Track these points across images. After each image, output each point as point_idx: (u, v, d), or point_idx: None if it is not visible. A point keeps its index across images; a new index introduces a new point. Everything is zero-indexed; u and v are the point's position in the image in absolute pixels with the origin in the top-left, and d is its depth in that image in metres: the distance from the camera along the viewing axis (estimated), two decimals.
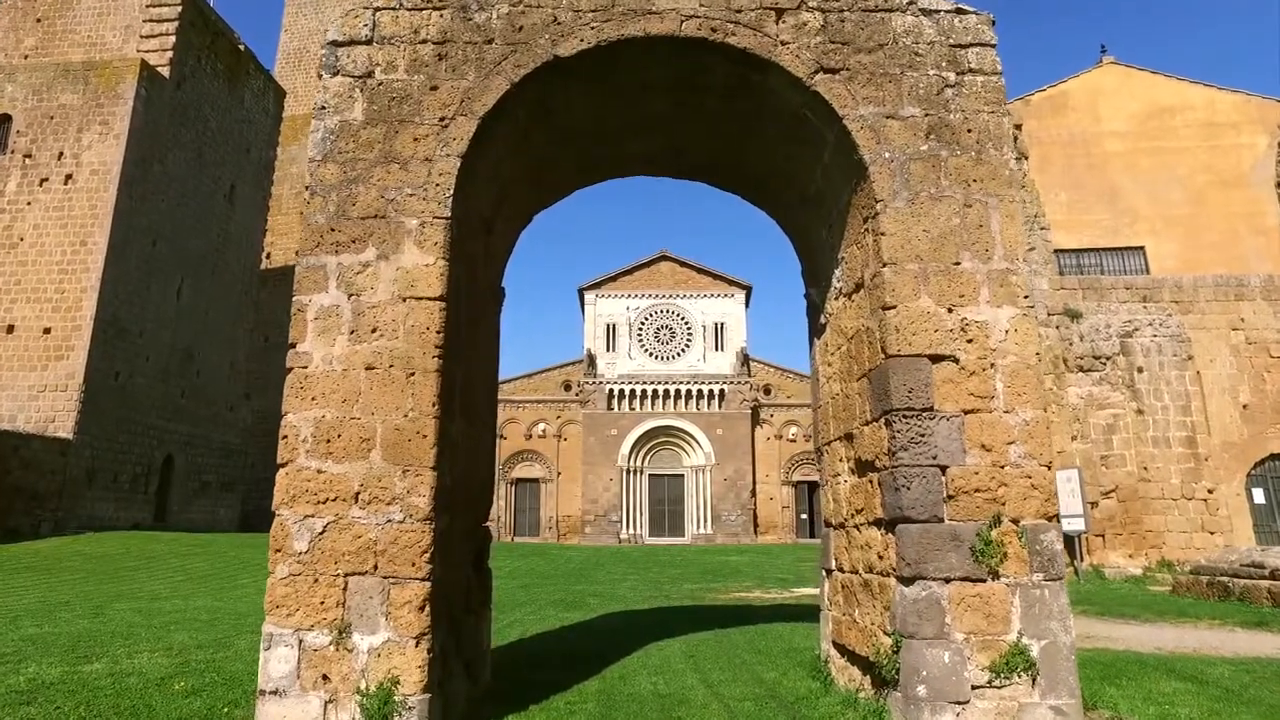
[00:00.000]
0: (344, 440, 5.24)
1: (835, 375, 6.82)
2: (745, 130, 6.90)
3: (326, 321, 5.47)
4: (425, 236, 5.59)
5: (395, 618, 4.93)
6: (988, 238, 5.62)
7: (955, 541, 5.05)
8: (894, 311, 5.47)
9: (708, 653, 8.38)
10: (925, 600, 4.96)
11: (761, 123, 6.67)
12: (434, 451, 5.19)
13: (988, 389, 5.35)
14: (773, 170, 7.25)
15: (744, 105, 6.57)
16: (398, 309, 5.46)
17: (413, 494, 5.11)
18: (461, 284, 5.93)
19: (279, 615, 4.95)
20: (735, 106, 6.65)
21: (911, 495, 5.14)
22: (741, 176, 7.74)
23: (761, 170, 7.40)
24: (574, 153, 7.39)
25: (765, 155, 7.11)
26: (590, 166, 7.82)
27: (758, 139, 6.94)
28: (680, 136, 7.31)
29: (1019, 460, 5.22)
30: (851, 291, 6.37)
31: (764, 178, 7.48)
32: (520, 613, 12.58)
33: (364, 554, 5.04)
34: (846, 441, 6.44)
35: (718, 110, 6.79)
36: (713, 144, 7.30)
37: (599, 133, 7.19)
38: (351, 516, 5.10)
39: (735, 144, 7.19)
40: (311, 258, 5.61)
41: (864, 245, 6.04)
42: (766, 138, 6.84)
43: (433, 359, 5.35)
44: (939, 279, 5.53)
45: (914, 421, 5.27)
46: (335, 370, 5.37)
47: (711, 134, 7.16)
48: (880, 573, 5.48)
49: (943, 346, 5.41)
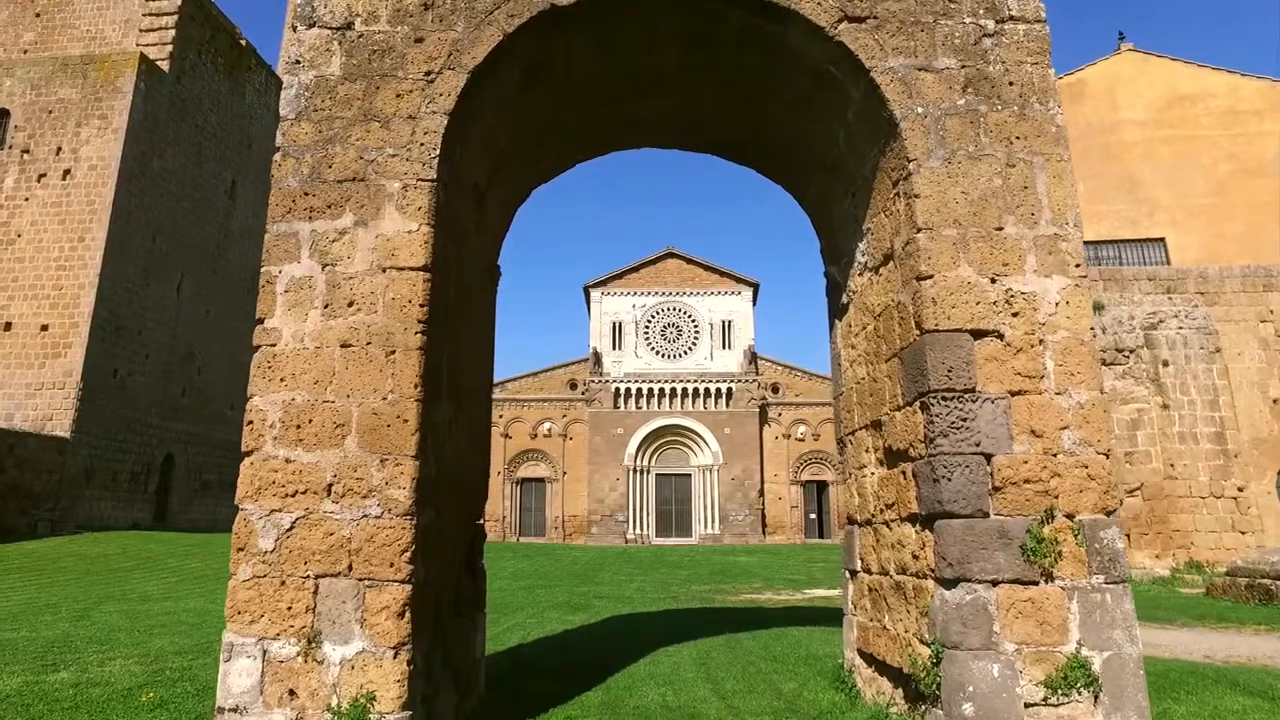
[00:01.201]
0: (316, 426, 4.68)
1: (860, 358, 6.25)
2: (760, 91, 6.32)
3: (298, 294, 4.92)
4: (408, 201, 5.04)
5: (371, 625, 4.36)
6: (1033, 200, 5.03)
7: (1003, 539, 4.47)
8: (930, 282, 4.89)
9: (720, 660, 7.82)
10: (970, 605, 4.37)
11: (778, 81, 6.10)
12: (416, 438, 4.63)
13: (1036, 368, 4.76)
14: (790, 136, 6.67)
15: (759, 62, 6.00)
16: (377, 280, 4.91)
17: (392, 486, 4.55)
18: (449, 256, 5.37)
19: (241, 622, 4.40)
20: (749, 64, 6.07)
21: (952, 487, 4.56)
22: (755, 145, 7.16)
23: (777, 137, 6.82)
24: (575, 119, 6.83)
25: (782, 119, 6.53)
26: (592, 135, 7.26)
27: (774, 100, 6.36)
28: (689, 101, 6.74)
29: (1073, 447, 4.63)
30: (878, 265, 5.79)
31: (780, 145, 6.90)
32: (522, 615, 12.09)
33: (337, 553, 4.48)
34: (874, 430, 5.86)
35: (730, 69, 6.21)
36: (724, 108, 6.73)
37: (602, 96, 6.62)
38: (323, 511, 4.55)
39: (749, 107, 6.61)
40: (282, 224, 5.06)
41: (893, 212, 5.46)
42: (783, 99, 6.26)
43: (415, 335, 4.80)
44: (980, 245, 4.95)
45: (954, 404, 4.69)
46: (307, 348, 4.82)
47: (723, 97, 6.59)
48: (915, 574, 4.90)
49: (985, 320, 4.82)
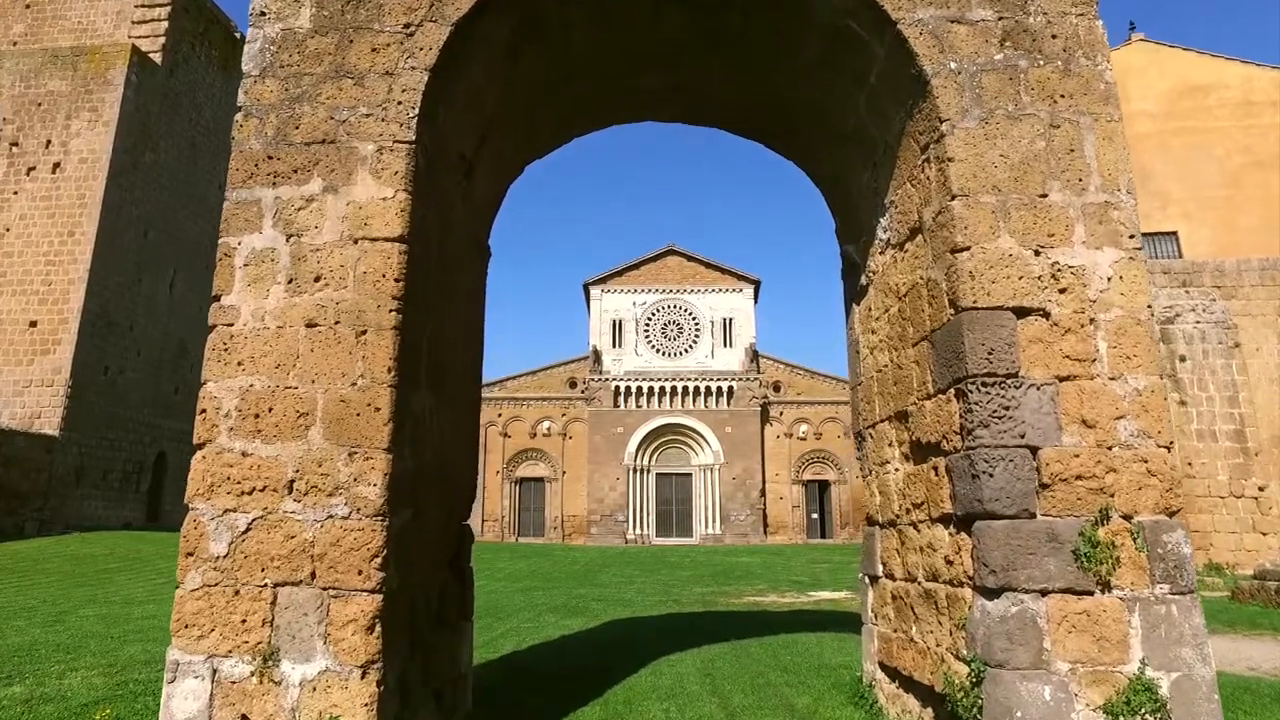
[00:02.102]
0: (276, 415, 4.16)
1: (882, 344, 5.72)
2: (771, 54, 5.80)
3: (259, 268, 4.39)
4: (383, 164, 4.52)
5: (336, 640, 3.84)
6: (1081, 164, 4.51)
7: (1053, 543, 3.94)
8: (967, 254, 4.36)
9: (726, 670, 7.30)
10: (1017, 618, 3.85)
11: (792, 42, 5.57)
12: (389, 428, 4.11)
13: (1087, 350, 4.24)
14: (804, 104, 6.14)
15: (771, 22, 5.47)
16: (347, 252, 4.38)
17: (361, 482, 4.03)
18: (430, 227, 4.85)
19: (188, 638, 3.86)
20: (760, 25, 5.54)
21: (994, 484, 4.03)
22: (766, 116, 6.63)
23: (791, 106, 6.29)
24: (571, 87, 6.31)
25: (795, 85, 6.00)
26: (590, 106, 6.73)
27: (787, 64, 5.83)
28: (695, 67, 6.21)
29: (1130, 439, 4.11)
30: (903, 240, 5.27)
31: (793, 115, 6.38)
32: (517, 620, 11.57)
33: (298, 558, 3.95)
34: (898, 422, 5.34)
35: (740, 31, 5.69)
36: (733, 74, 6.20)
37: (600, 62, 6.10)
38: (283, 511, 4.02)
39: (759, 73, 6.09)
40: (242, 191, 4.54)
41: (921, 181, 4.93)
42: (797, 62, 5.74)
43: (389, 314, 4.27)
44: (1022, 214, 4.42)
45: (995, 391, 4.16)
46: (268, 328, 4.29)
47: (730, 62, 6.06)
48: (950, 581, 4.38)
49: (1029, 297, 4.30)
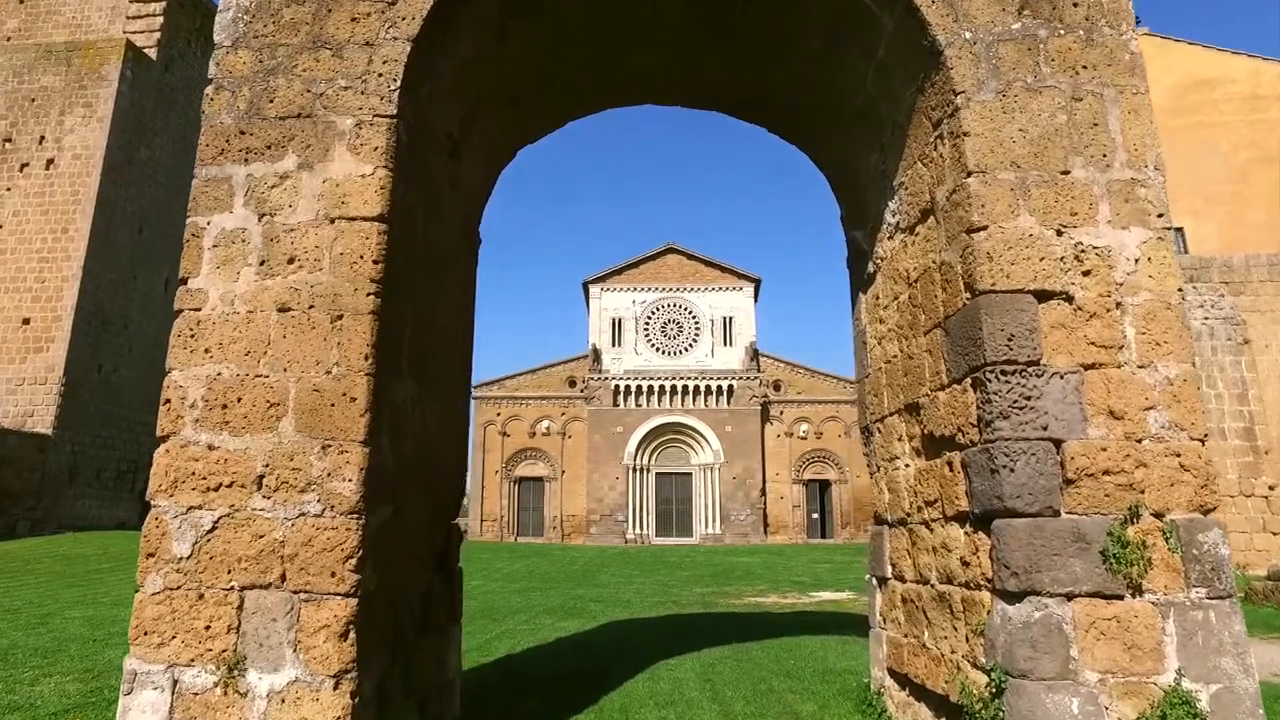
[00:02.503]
0: (246, 405, 3.89)
1: (890, 333, 5.45)
2: (775, 32, 5.52)
3: (229, 249, 4.12)
4: (362, 140, 4.24)
5: (307, 648, 3.56)
6: (1105, 139, 4.23)
7: (1079, 543, 3.67)
8: (984, 234, 4.09)
9: (727, 675, 7.03)
10: (1040, 624, 3.57)
11: (796, 17, 5.30)
12: (365, 420, 3.83)
13: (1114, 336, 3.96)
14: (809, 84, 5.87)
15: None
16: (323, 232, 4.11)
17: (335, 477, 3.75)
18: (412, 208, 4.58)
19: (147, 645, 3.59)
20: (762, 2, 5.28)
21: (1015, 480, 3.76)
22: (768, 97, 6.36)
23: (794, 86, 6.01)
24: (563, 68, 6.03)
25: (799, 64, 5.73)
26: (585, 88, 6.45)
27: (790, 42, 5.56)
28: (694, 47, 5.94)
29: (1161, 431, 3.83)
30: (914, 223, 5.00)
31: (797, 96, 6.10)
32: (513, 621, 11.30)
33: (267, 560, 3.68)
34: (908, 415, 5.06)
35: (741, 7, 5.42)
36: (733, 54, 5.92)
37: (594, 40, 5.82)
38: (252, 509, 3.75)
39: (762, 52, 5.81)
40: (212, 168, 4.26)
41: (933, 159, 4.66)
42: (802, 39, 5.47)
43: (367, 297, 4.00)
44: (1043, 191, 4.15)
45: (1015, 379, 3.89)
46: (237, 313, 4.02)
47: (732, 41, 5.78)
48: (966, 584, 4.10)
49: (1051, 280, 4.02)
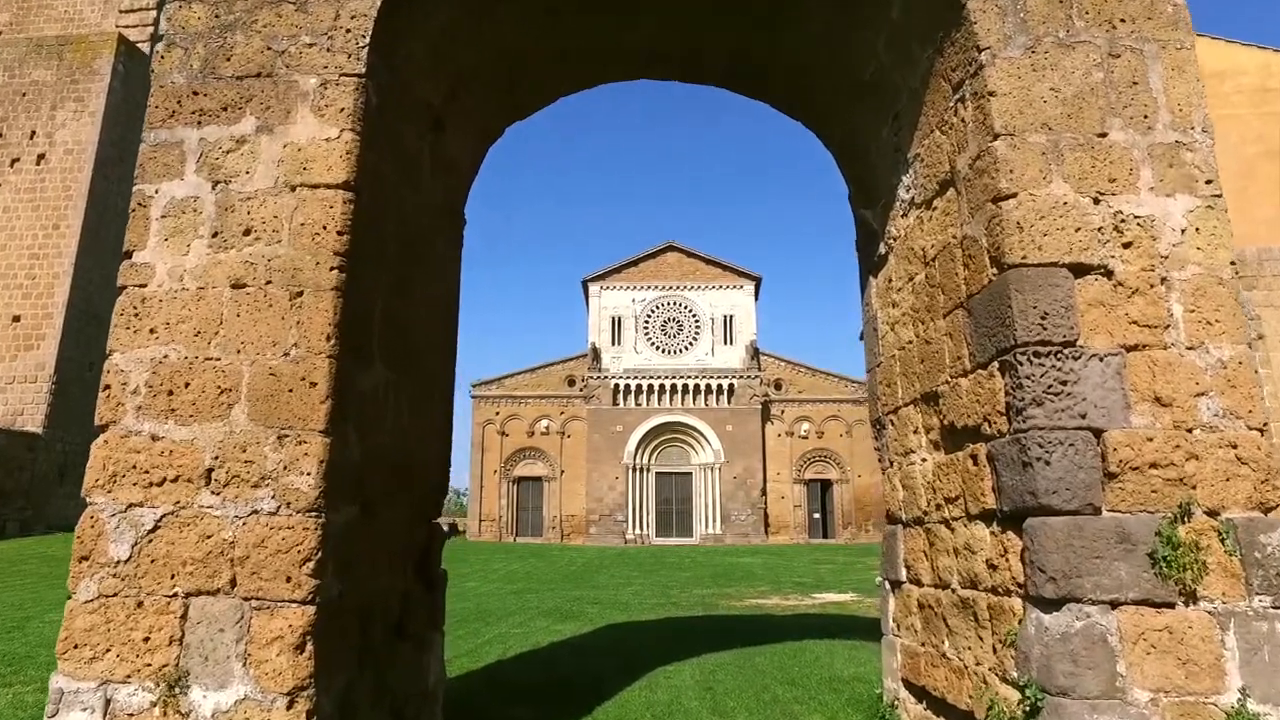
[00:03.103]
0: (194, 391, 3.50)
1: (904, 318, 5.06)
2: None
3: (179, 220, 3.73)
4: (327, 100, 3.85)
5: (258, 662, 3.17)
6: (1146, 99, 3.84)
7: (1124, 544, 3.28)
8: (1013, 202, 3.69)
9: (728, 683, 6.64)
10: (1082, 636, 3.18)
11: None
12: (326, 407, 3.44)
13: (1159, 314, 3.57)
14: (815, 53, 5.48)
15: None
16: (282, 201, 3.72)
17: (292, 470, 3.36)
18: (385, 178, 4.18)
19: (77, 660, 3.19)
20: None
21: (1051, 473, 3.37)
22: (771, 69, 5.96)
23: (799, 55, 5.62)
24: (555, 39, 5.64)
25: (805, 31, 5.33)
26: (577, 62, 6.06)
27: (795, 6, 5.17)
28: (694, 16, 5.54)
29: (1214, 420, 3.44)
30: (931, 197, 4.61)
31: (802, 66, 5.70)
32: (506, 625, 10.92)
33: (215, 563, 3.29)
34: (925, 405, 4.67)
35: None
36: (735, 24, 5.53)
37: (588, 9, 5.44)
38: (199, 506, 3.36)
39: (765, 18, 5.42)
40: (162, 131, 3.87)
41: (953, 125, 4.27)
42: (808, 3, 5.08)
43: (330, 272, 3.61)
44: (1078, 156, 3.76)
45: (1050, 362, 3.50)
46: (187, 289, 3.63)
47: (734, 9, 5.40)
48: (993, 589, 3.71)
49: (1088, 252, 3.63)
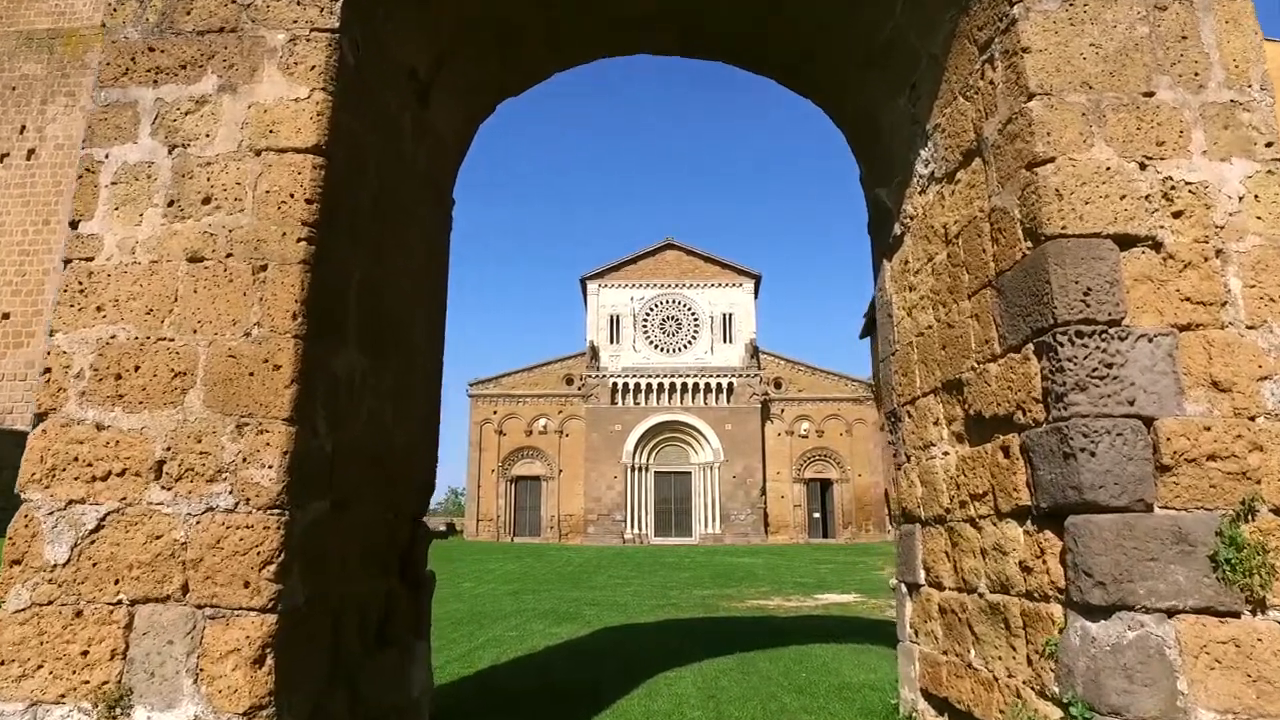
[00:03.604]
0: (145, 375, 3.15)
1: (923, 301, 4.71)
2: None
3: (131, 187, 3.38)
4: (297, 57, 3.50)
5: (211, 678, 2.82)
6: (1197, 54, 3.50)
7: (1181, 545, 2.93)
8: (1051, 167, 3.35)
9: (732, 690, 6.30)
10: (1136, 648, 2.84)
11: None
12: (291, 392, 3.09)
13: (1214, 290, 3.23)
14: (823, 18, 5.13)
15: None
16: (246, 166, 3.37)
17: (252, 462, 3.01)
18: (365, 149, 3.83)
19: (4, 679, 2.83)
20: None
21: (1097, 466, 3.02)
22: (774, 42, 5.62)
23: (806, 21, 5.27)
24: (546, 6, 5.30)
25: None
26: (572, 33, 5.72)
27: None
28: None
29: (1279, 407, 3.10)
30: (954, 169, 4.26)
31: (809, 33, 5.36)
32: (501, 627, 10.56)
33: (165, 566, 2.94)
34: (947, 394, 4.33)
35: None
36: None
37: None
38: (148, 502, 3.01)
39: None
40: (114, 91, 3.51)
41: (981, 89, 3.93)
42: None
43: (297, 244, 3.25)
44: (1121, 117, 3.41)
45: (1094, 343, 3.15)
46: (139, 263, 3.28)
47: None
48: (1028, 594, 3.37)
49: (1135, 222, 3.29)
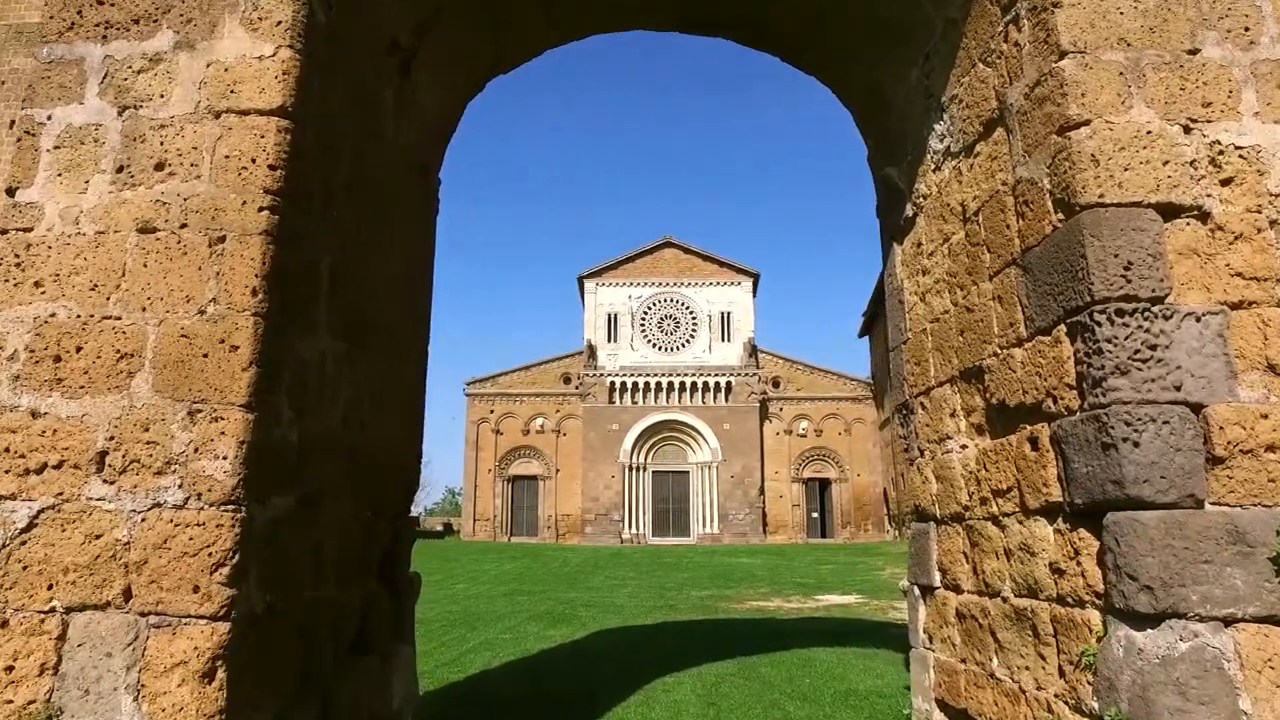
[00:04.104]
0: (87, 357, 2.84)
1: (939, 285, 4.42)
2: None
3: (76, 151, 3.07)
4: (262, 12, 3.20)
5: (153, 695, 2.52)
6: (1246, 7, 3.21)
7: (1238, 545, 2.64)
8: (1086, 131, 3.05)
9: (734, 697, 6.02)
10: (1190, 660, 2.54)
11: None
12: (250, 375, 2.79)
13: (1268, 265, 2.94)
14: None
15: None
16: (204, 130, 3.06)
17: (205, 453, 2.71)
18: (338, 117, 3.53)
19: None
20: None
21: (1141, 457, 2.73)
22: (777, 13, 5.32)
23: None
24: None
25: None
26: (564, 7, 5.43)
27: None
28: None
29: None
30: (974, 142, 3.97)
31: (812, 5, 5.07)
32: (495, 630, 10.26)
33: (105, 569, 2.63)
34: (966, 383, 4.03)
35: None
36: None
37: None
38: (88, 498, 2.70)
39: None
40: (59, 46, 3.21)
41: (1004, 54, 3.63)
42: None
43: (259, 213, 2.95)
44: (1163, 76, 3.12)
45: (1135, 322, 2.86)
46: (83, 234, 2.97)
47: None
48: (1060, 599, 3.07)
49: (1179, 190, 3.00)
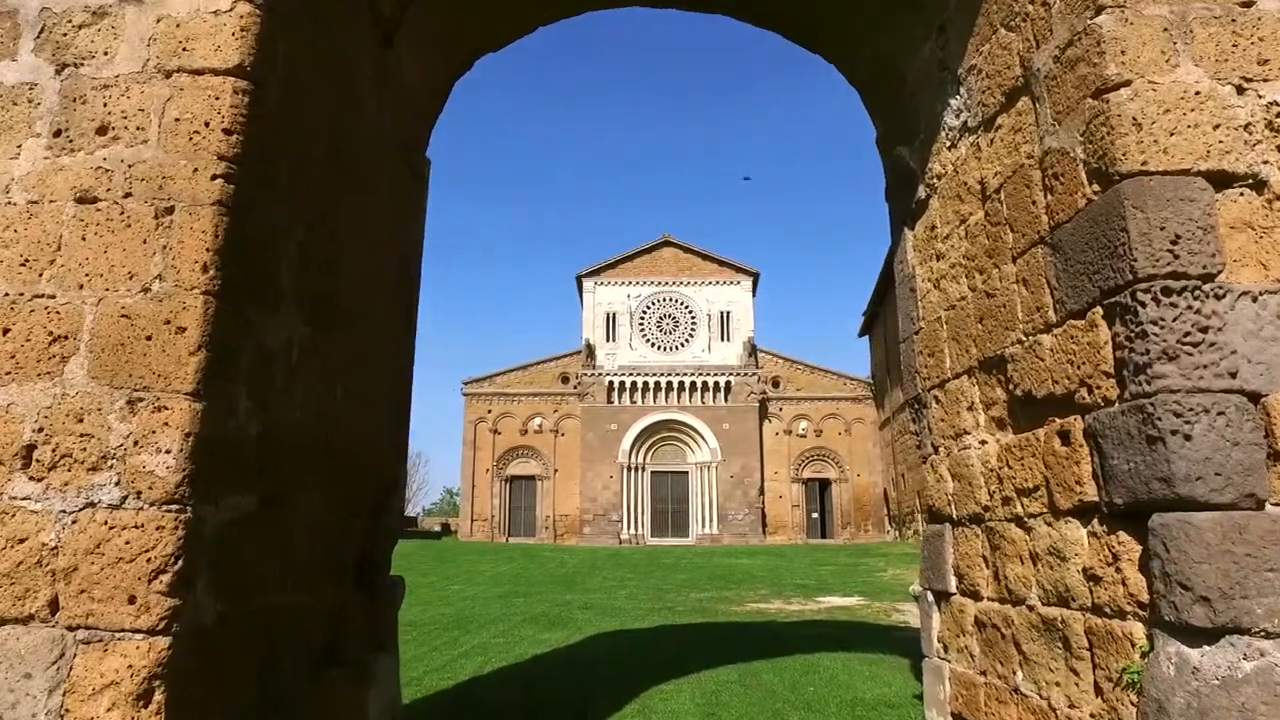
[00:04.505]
0: (15, 339, 2.55)
1: (955, 269, 4.13)
2: None
3: (8, 113, 2.78)
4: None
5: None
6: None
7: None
8: (1127, 92, 2.77)
9: (735, 707, 5.74)
10: (1256, 683, 2.25)
11: None
12: (199, 360, 2.49)
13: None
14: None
15: None
16: (152, 90, 2.77)
17: (146, 447, 2.42)
18: (311, 85, 3.23)
19: None
20: None
21: (1193, 452, 2.44)
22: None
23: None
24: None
25: None
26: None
27: None
28: None
29: None
30: (994, 114, 3.68)
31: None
32: (488, 633, 9.98)
33: (28, 578, 2.34)
34: (986, 374, 3.75)
35: None
36: None
37: None
38: (10, 497, 2.41)
39: None
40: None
41: (1028, 16, 3.34)
42: None
43: (212, 181, 2.66)
44: (1213, 31, 2.83)
45: (1184, 302, 2.57)
46: (14, 204, 2.68)
47: None
48: (1095, 609, 2.78)
49: (1231, 156, 2.71)
